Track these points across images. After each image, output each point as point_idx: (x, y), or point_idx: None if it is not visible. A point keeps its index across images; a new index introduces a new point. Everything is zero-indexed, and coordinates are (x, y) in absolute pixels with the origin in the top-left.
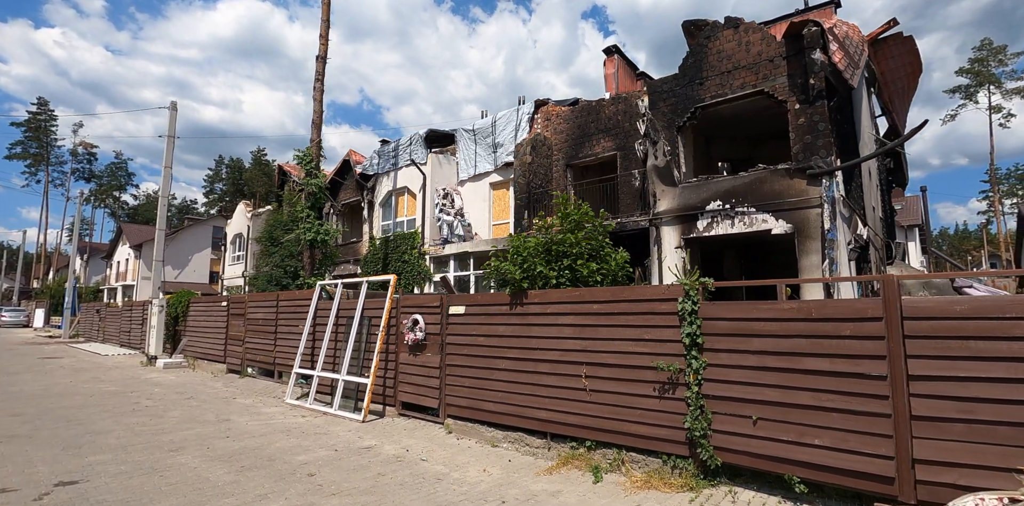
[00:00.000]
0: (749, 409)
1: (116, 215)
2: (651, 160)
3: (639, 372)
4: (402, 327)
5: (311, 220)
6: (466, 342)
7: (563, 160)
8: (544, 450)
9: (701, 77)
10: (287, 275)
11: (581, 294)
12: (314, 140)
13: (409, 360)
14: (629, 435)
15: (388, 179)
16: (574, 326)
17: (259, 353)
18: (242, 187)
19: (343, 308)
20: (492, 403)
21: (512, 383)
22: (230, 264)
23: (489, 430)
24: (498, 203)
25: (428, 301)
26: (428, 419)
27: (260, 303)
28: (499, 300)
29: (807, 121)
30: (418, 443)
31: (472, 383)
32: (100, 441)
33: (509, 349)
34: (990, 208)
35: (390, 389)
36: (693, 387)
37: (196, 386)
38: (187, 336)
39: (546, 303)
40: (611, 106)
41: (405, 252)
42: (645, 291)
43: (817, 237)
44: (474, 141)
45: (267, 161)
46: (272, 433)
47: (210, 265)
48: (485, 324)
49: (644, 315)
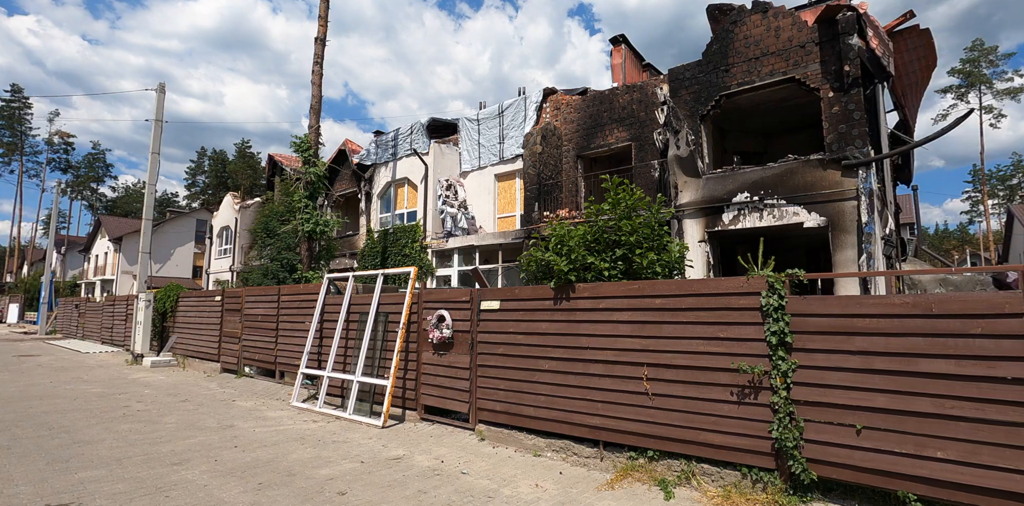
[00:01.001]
0: (851, 417)
1: (94, 207)
2: (672, 150)
3: (713, 374)
4: (424, 324)
5: (309, 210)
6: (501, 340)
7: (573, 151)
8: (596, 460)
9: (726, 64)
10: (283, 268)
11: (641, 287)
12: (312, 126)
13: (433, 360)
14: (700, 444)
15: (387, 169)
16: (632, 323)
17: (258, 351)
18: (226, 180)
19: (355, 303)
20: (533, 408)
21: (557, 386)
22: (216, 258)
23: (529, 437)
24: (503, 195)
25: (456, 295)
26: (455, 425)
27: (259, 298)
28: (541, 294)
29: (841, 110)
30: (451, 453)
31: (508, 386)
32: (90, 453)
33: (553, 348)
34: (973, 208)
35: (411, 391)
36: (781, 391)
37: (189, 387)
38: (176, 333)
39: (598, 297)
40: (625, 95)
41: (406, 246)
42: (720, 284)
43: (853, 231)
44: (478, 131)
45: (252, 153)
46: (285, 441)
47: (193, 259)
48: (524, 321)
49: (718, 311)
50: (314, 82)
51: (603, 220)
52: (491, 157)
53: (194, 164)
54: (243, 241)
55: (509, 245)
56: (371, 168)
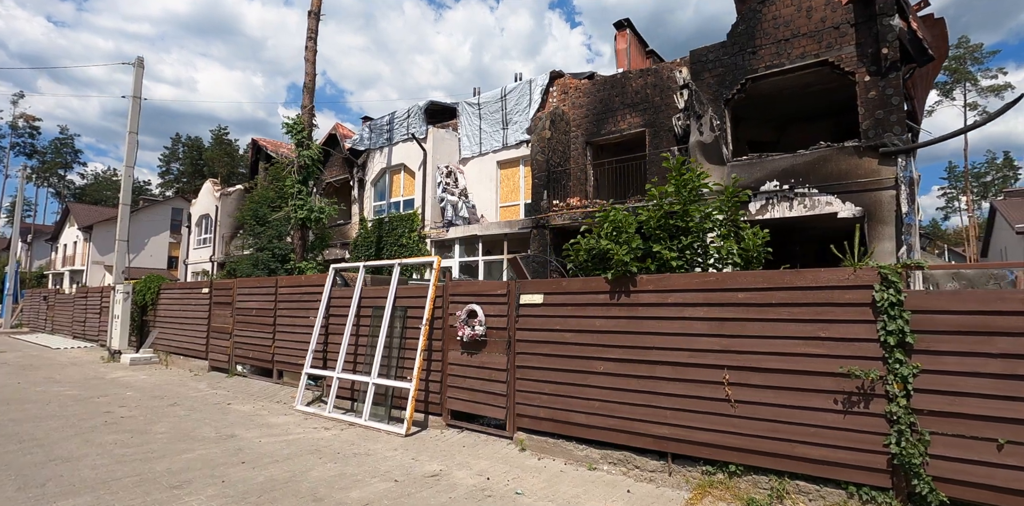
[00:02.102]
0: (991, 429)
1: (61, 195)
2: (695, 136)
3: (811, 379)
4: (451, 320)
5: (303, 196)
6: (545, 339)
7: (582, 137)
8: (663, 475)
9: (753, 45)
10: (275, 258)
11: (720, 279)
12: (306, 106)
13: (462, 360)
14: (795, 459)
15: (381, 155)
16: (709, 320)
17: (252, 349)
18: (202, 167)
19: (367, 296)
20: (584, 414)
21: (614, 390)
22: (195, 248)
23: (579, 447)
24: (506, 183)
25: (490, 288)
26: (489, 432)
27: (253, 290)
28: (594, 287)
29: (878, 94)
30: (493, 466)
31: (554, 390)
32: (71, 473)
33: (610, 348)
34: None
35: (434, 395)
36: (900, 400)
37: (176, 388)
38: (158, 327)
39: (666, 291)
40: (639, 79)
41: (402, 235)
42: (819, 276)
43: (891, 221)
44: (479, 116)
45: (229, 140)
46: (299, 455)
47: (168, 249)
48: (574, 317)
49: (818, 307)
50: (308, 59)
51: (667, 203)
52: (493, 143)
53: (168, 151)
54: (224, 230)
55: (515, 235)
56: (364, 154)
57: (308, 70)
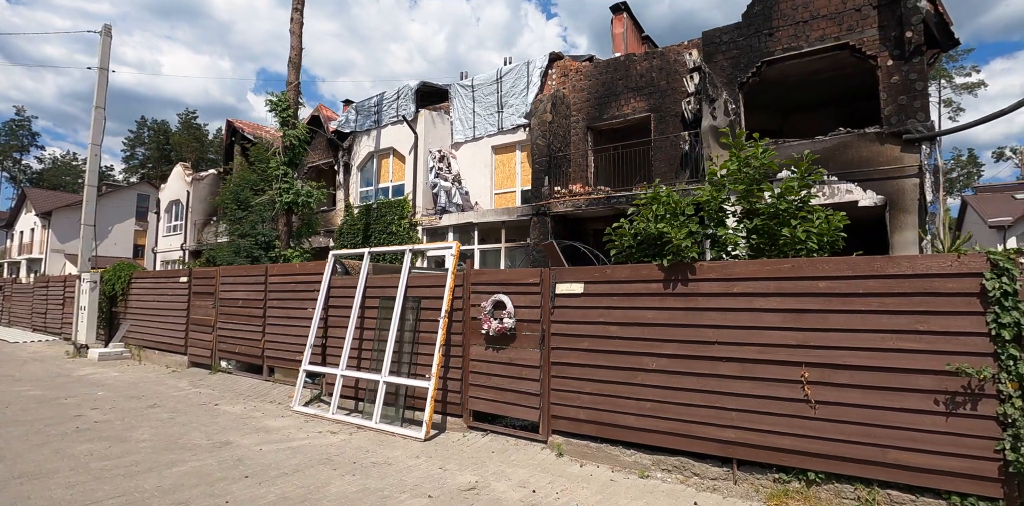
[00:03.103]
0: None
1: (17, 180)
2: (707, 120)
3: (907, 377)
4: (472, 312)
5: (289, 179)
6: (586, 332)
7: (583, 121)
8: (727, 483)
9: (770, 27)
10: (258, 246)
11: (796, 267)
12: (291, 82)
13: (486, 355)
14: (887, 465)
15: (369, 138)
16: (784, 312)
17: (239, 343)
18: (169, 153)
19: (373, 286)
20: (633, 416)
21: (670, 390)
22: (164, 235)
23: (627, 452)
24: (502, 169)
25: (519, 276)
26: (518, 435)
27: (239, 279)
28: (644, 275)
29: (901, 79)
30: (534, 476)
31: (597, 388)
32: (41, 494)
33: (664, 343)
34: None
35: (454, 394)
36: (1015, 400)
37: (154, 386)
38: (129, 320)
39: (730, 279)
40: (643, 62)
41: (392, 223)
42: (916, 263)
43: (914, 210)
44: (472, 99)
45: (198, 125)
46: (309, 465)
47: (134, 237)
48: (620, 308)
49: (915, 297)
50: (293, 31)
51: (731, 182)
52: (488, 127)
53: (133, 135)
54: (197, 216)
55: (513, 223)
56: (350, 137)
57: (293, 43)
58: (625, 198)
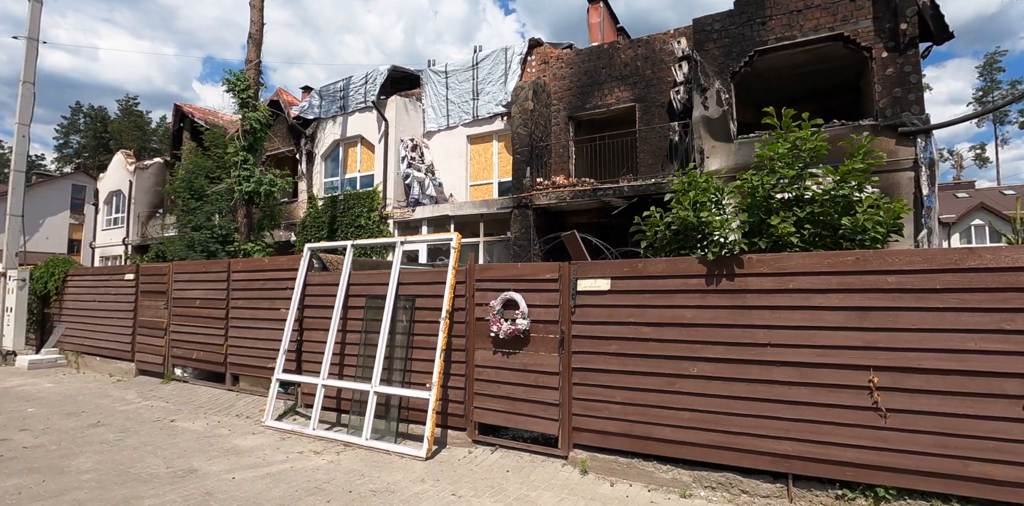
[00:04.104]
0: None
1: None
2: (699, 110)
3: (991, 382)
4: (479, 312)
5: (250, 166)
6: (614, 334)
7: (565, 111)
8: (781, 501)
9: (763, 15)
10: (214, 239)
11: (861, 260)
12: (251, 60)
13: (495, 361)
14: (969, 479)
15: (335, 125)
16: (847, 310)
17: (197, 348)
18: (107, 141)
19: (357, 283)
20: (671, 428)
21: (714, 398)
22: (104, 229)
23: (663, 468)
24: (477, 160)
25: (533, 272)
26: (532, 450)
27: (197, 275)
28: (683, 269)
29: (896, 72)
30: (563, 500)
31: (628, 397)
32: None
33: (707, 345)
34: None
35: (455, 404)
36: None
37: (96, 400)
38: (65, 322)
39: (784, 274)
40: (628, 50)
41: (360, 215)
42: (1001, 255)
43: (909, 204)
44: (445, 86)
45: (140, 112)
46: (297, 498)
47: (69, 231)
48: (654, 307)
49: (1000, 293)
50: (254, 4)
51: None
52: (462, 115)
53: (67, 121)
54: (141, 208)
55: (493, 216)
56: (314, 123)
57: (254, 17)
58: (613, 191)
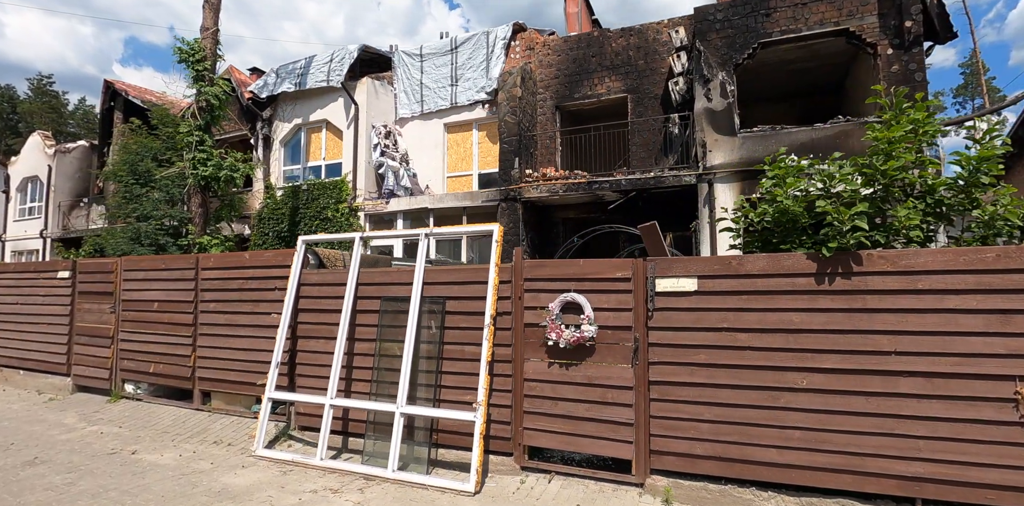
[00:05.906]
0: None
1: None
2: (702, 102)
3: None
4: (527, 316)
5: (207, 148)
6: (702, 341)
7: (552, 100)
8: None
9: (767, 7)
10: (163, 231)
11: (1003, 256)
12: (208, 28)
13: (551, 374)
14: None
15: (296, 108)
16: (987, 312)
17: (155, 359)
18: (16, 123)
19: (367, 283)
20: (776, 449)
21: (827, 414)
22: (16, 220)
23: (763, 495)
24: (456, 149)
25: (599, 270)
26: (598, 477)
27: (154, 273)
28: (787, 267)
29: (901, 69)
30: None
31: (721, 414)
32: None
33: (818, 354)
34: None
35: (500, 425)
36: None
37: (26, 426)
38: None
39: (912, 272)
40: (620, 39)
41: (327, 207)
42: None
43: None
44: (420, 69)
45: (55, 92)
46: None
47: None
48: (753, 310)
49: None
50: None
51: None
52: (439, 101)
53: None
54: (63, 196)
55: (477, 209)
56: (271, 105)
57: None
58: (608, 184)
